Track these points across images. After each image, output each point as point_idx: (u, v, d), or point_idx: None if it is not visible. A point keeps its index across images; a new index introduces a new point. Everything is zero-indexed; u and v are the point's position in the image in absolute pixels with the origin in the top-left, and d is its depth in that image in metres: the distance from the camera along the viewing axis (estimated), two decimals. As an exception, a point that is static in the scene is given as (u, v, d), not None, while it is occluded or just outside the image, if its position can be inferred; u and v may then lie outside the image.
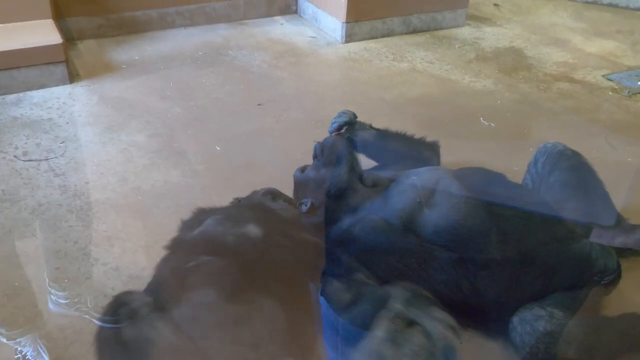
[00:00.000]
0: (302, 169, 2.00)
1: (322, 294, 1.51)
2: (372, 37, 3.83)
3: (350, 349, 1.35)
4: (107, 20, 3.58)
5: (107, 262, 1.86)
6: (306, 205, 1.89)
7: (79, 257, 1.88)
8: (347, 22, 3.67)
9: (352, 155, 1.97)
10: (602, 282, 1.73)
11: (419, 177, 1.75)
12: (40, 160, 2.37)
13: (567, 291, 1.60)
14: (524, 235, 1.62)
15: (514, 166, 2.25)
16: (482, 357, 1.61)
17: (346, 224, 1.77)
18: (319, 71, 3.34)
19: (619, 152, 2.64)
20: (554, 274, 1.60)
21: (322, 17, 3.91)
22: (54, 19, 3.14)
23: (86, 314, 1.66)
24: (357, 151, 2.05)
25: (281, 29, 3.94)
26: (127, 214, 2.09)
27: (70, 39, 3.47)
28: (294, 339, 1.46)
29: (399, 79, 3.27)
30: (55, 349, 1.55)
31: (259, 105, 2.90)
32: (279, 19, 4.12)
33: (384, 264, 1.62)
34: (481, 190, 1.68)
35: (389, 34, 3.89)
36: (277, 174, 2.34)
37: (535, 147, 1.98)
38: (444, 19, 4.06)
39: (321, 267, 1.68)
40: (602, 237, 1.79)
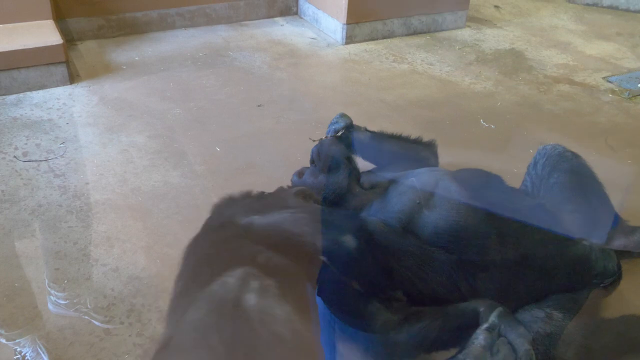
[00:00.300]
0: (300, 174, 1.99)
1: (318, 294, 1.51)
2: (373, 38, 3.83)
3: (347, 350, 1.35)
4: (108, 21, 3.59)
5: (107, 263, 1.86)
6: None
7: (79, 257, 1.88)
8: (348, 23, 3.67)
9: (350, 159, 1.97)
10: (601, 284, 1.73)
11: (418, 178, 1.75)
12: (40, 161, 2.37)
13: (567, 293, 1.60)
14: (523, 237, 1.62)
15: (513, 168, 2.25)
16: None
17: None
18: (319, 72, 3.34)
19: (618, 154, 2.64)
20: (553, 275, 1.60)
21: (322, 18, 3.91)
22: (54, 20, 3.15)
23: (86, 315, 1.66)
24: (355, 154, 2.05)
25: (281, 30, 3.94)
26: (127, 215, 2.09)
27: (70, 39, 3.48)
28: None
29: (399, 81, 3.27)
30: (54, 350, 1.55)
31: (259, 106, 2.90)
32: (279, 20, 4.13)
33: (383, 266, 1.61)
34: (479, 192, 1.68)
35: (390, 35, 3.89)
36: (277, 174, 2.34)
37: (535, 149, 1.98)
38: (445, 21, 4.06)
39: (317, 268, 1.68)
40: (602, 239, 1.79)
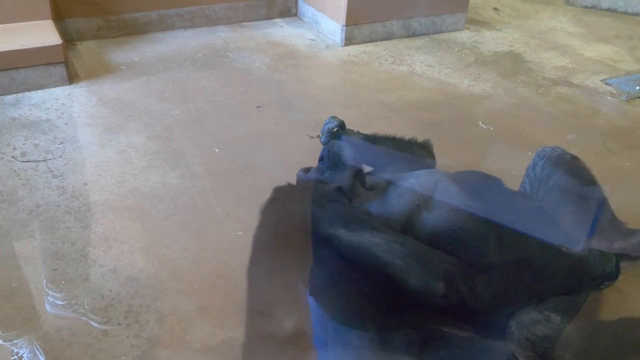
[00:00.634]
0: (306, 170, 2.00)
1: (311, 293, 1.51)
2: (372, 40, 3.84)
3: (340, 349, 1.35)
4: (107, 21, 3.58)
5: (105, 264, 1.86)
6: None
7: (77, 258, 1.87)
8: (347, 25, 3.68)
9: (358, 160, 1.97)
10: (600, 286, 1.74)
11: (417, 180, 1.75)
12: (38, 161, 2.36)
13: (565, 296, 1.60)
14: (522, 239, 1.62)
15: (512, 170, 2.25)
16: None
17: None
18: (319, 74, 3.34)
19: (617, 156, 2.64)
20: (552, 278, 1.60)
21: (321, 20, 3.91)
22: (53, 20, 3.14)
23: (83, 316, 1.66)
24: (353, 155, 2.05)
25: (281, 31, 3.94)
26: (125, 216, 2.08)
27: (69, 40, 3.48)
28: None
29: (398, 82, 3.28)
30: (52, 351, 1.55)
31: (258, 107, 2.90)
32: (278, 21, 4.13)
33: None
34: (478, 194, 1.69)
35: (389, 37, 3.90)
36: (277, 176, 2.34)
37: (533, 151, 1.98)
38: (444, 23, 4.07)
39: (309, 267, 1.68)
40: (601, 242, 1.80)
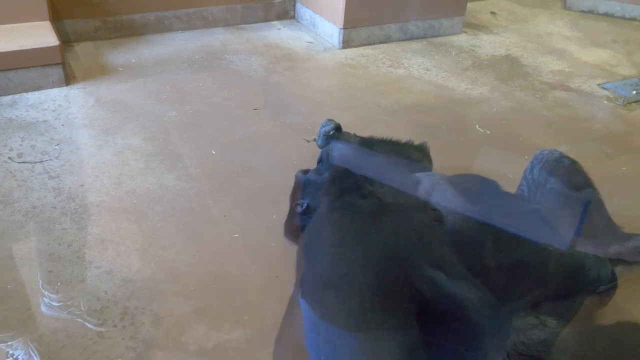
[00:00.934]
0: (304, 172, 2.01)
1: (302, 296, 1.51)
2: (369, 43, 3.84)
3: (333, 352, 1.35)
4: (105, 22, 3.58)
5: (101, 266, 1.85)
6: (302, 206, 1.90)
7: (73, 260, 1.87)
8: (345, 28, 3.68)
9: (357, 161, 1.98)
10: (596, 291, 1.74)
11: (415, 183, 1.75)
12: (34, 162, 2.36)
13: (561, 300, 1.60)
14: (518, 243, 1.62)
15: (509, 173, 2.25)
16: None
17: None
18: (316, 76, 3.34)
19: (613, 160, 2.65)
20: (547, 283, 1.60)
21: (319, 22, 3.92)
22: (51, 21, 3.14)
23: (79, 318, 1.65)
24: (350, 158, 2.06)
25: (278, 34, 3.94)
26: (122, 217, 2.08)
27: (67, 41, 3.47)
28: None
29: (395, 86, 3.28)
30: (47, 353, 1.54)
31: (255, 109, 2.90)
32: (276, 24, 4.13)
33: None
34: (475, 197, 1.69)
35: (386, 40, 3.90)
36: (274, 178, 2.34)
37: (530, 155, 1.98)
38: (441, 26, 4.08)
39: (300, 270, 1.68)
40: (597, 246, 1.80)
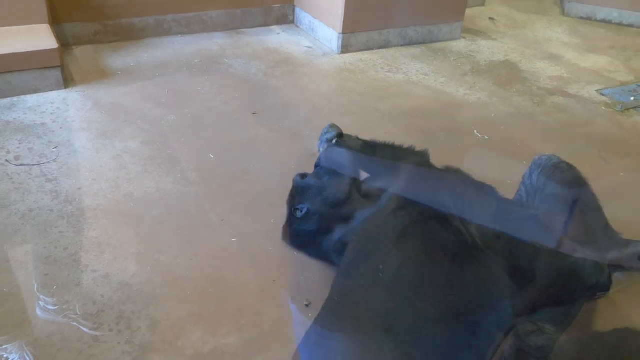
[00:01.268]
0: (302, 176, 2.00)
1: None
2: (368, 48, 3.85)
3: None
4: (104, 26, 3.58)
5: (97, 269, 1.84)
6: (302, 211, 1.89)
7: (69, 263, 1.86)
8: (344, 33, 3.69)
9: (355, 166, 1.98)
10: (594, 297, 1.73)
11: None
12: (32, 165, 2.35)
13: (559, 306, 1.60)
14: (516, 249, 1.61)
15: (507, 179, 2.25)
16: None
17: (339, 233, 1.76)
18: (315, 81, 3.34)
19: (611, 166, 2.65)
20: (545, 289, 1.60)
21: (318, 27, 3.92)
22: (50, 24, 3.14)
23: (75, 321, 1.64)
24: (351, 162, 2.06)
25: (277, 38, 3.95)
26: (119, 221, 2.07)
27: (66, 44, 3.47)
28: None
29: (394, 91, 3.28)
30: (42, 356, 1.53)
31: (253, 114, 2.89)
32: (275, 28, 4.14)
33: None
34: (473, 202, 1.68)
35: (385, 45, 3.91)
36: (272, 182, 2.34)
37: (528, 161, 1.99)
38: (440, 32, 4.09)
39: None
40: (595, 252, 1.80)
